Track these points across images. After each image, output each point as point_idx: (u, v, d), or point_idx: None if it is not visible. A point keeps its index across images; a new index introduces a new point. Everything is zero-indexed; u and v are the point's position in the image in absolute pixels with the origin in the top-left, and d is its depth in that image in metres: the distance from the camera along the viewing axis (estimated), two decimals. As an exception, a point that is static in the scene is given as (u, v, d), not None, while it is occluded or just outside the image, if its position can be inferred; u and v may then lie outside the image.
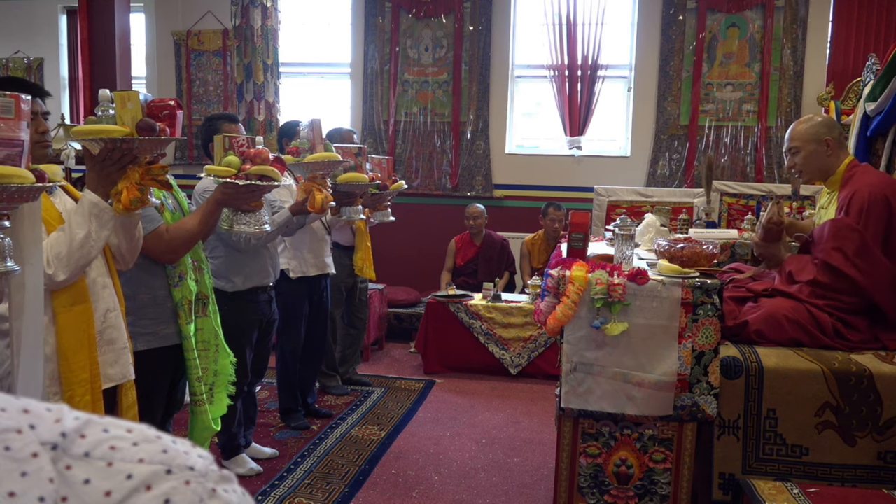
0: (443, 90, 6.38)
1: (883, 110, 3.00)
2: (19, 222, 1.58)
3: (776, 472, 2.30)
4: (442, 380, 4.86)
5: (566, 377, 2.35)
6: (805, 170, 2.63)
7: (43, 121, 1.84)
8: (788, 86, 5.87)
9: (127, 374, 1.98)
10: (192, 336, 2.39)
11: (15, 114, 1.38)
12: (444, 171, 6.41)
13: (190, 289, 2.40)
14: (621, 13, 6.19)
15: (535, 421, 4.08)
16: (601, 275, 2.30)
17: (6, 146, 1.38)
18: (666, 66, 6.04)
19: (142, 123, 1.75)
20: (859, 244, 2.40)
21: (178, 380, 2.53)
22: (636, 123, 6.17)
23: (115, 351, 1.94)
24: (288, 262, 3.66)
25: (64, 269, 1.72)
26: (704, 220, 4.18)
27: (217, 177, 2.32)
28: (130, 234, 2.00)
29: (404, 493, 3.12)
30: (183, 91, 6.78)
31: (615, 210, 5.39)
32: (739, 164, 5.96)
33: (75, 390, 1.79)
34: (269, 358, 3.46)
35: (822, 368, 2.28)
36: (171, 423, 2.78)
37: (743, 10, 5.89)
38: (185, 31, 6.75)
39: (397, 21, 6.37)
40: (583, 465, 2.42)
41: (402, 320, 5.97)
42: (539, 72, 6.30)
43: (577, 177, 6.17)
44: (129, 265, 2.08)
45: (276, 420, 3.96)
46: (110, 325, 1.93)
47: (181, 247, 2.33)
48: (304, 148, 2.93)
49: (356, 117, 6.53)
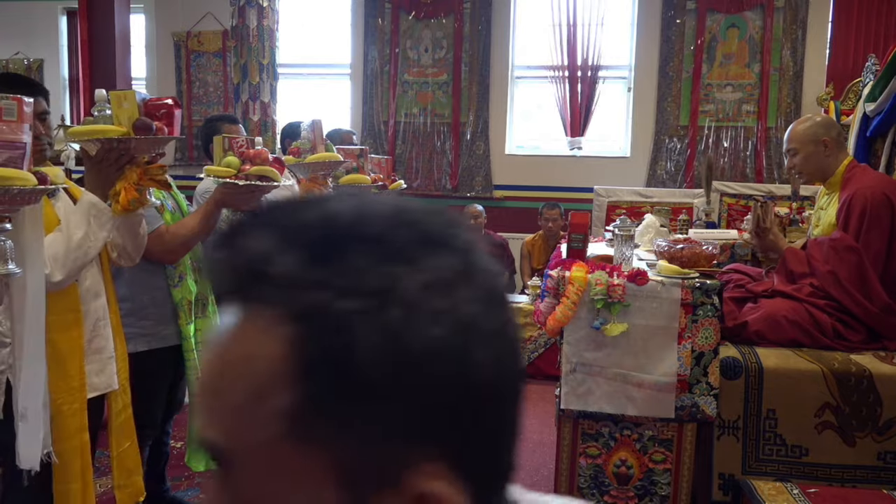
0: (443, 91, 6.38)
1: (882, 111, 3.00)
2: (21, 225, 1.58)
3: (776, 473, 2.30)
4: (442, 380, 4.85)
5: (566, 378, 2.35)
6: (804, 170, 2.63)
7: (48, 121, 1.84)
8: (788, 86, 5.87)
9: (112, 384, 1.97)
10: (192, 336, 2.40)
11: (17, 116, 1.39)
12: (444, 172, 6.41)
13: (190, 289, 2.40)
14: (621, 14, 6.20)
15: (535, 421, 4.08)
16: (601, 275, 2.31)
17: (8, 148, 1.38)
18: (666, 67, 6.04)
19: (138, 123, 1.74)
20: (854, 267, 2.39)
21: (178, 380, 2.53)
22: (636, 124, 6.18)
23: (102, 360, 1.94)
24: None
25: (61, 269, 1.71)
26: (704, 220, 4.18)
27: (217, 177, 2.33)
28: (134, 232, 2.00)
29: (404, 494, 3.12)
30: (183, 92, 6.78)
31: (615, 210, 5.39)
32: (739, 165, 5.96)
33: (64, 398, 1.78)
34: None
35: (822, 369, 2.28)
36: (171, 424, 2.79)
37: (742, 10, 5.89)
38: (184, 31, 6.75)
39: (397, 22, 6.37)
40: (583, 465, 2.42)
41: (402, 321, 5.97)
42: (539, 72, 6.31)
43: (577, 177, 6.16)
44: (136, 261, 2.09)
45: (277, 421, 3.95)
46: (99, 335, 1.92)
47: (181, 247, 2.33)
48: (305, 148, 2.93)
49: (356, 118, 6.53)
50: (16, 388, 1.68)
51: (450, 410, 0.39)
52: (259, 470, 0.39)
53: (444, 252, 0.41)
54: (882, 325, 2.40)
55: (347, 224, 0.40)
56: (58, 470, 1.78)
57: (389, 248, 0.39)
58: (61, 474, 1.78)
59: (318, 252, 0.39)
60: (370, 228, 0.40)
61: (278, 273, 0.38)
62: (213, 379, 0.41)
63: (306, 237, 0.39)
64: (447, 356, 0.39)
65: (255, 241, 0.40)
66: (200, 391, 0.42)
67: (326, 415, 0.38)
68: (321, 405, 0.38)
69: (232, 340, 0.40)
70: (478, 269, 0.42)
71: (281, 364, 0.38)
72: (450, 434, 0.40)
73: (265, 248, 0.39)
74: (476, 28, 6.25)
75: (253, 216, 0.42)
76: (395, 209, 0.41)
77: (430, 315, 0.38)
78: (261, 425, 0.38)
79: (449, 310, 0.39)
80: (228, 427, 0.40)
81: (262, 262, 0.39)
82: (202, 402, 0.41)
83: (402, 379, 0.38)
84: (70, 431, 1.79)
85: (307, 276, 0.38)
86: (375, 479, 0.39)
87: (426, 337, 0.38)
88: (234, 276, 0.41)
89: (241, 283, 0.40)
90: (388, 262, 0.39)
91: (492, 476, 0.43)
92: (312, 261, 0.38)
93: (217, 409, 0.40)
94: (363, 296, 0.38)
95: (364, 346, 0.37)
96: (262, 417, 0.38)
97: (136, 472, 2.07)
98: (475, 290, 0.41)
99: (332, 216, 0.40)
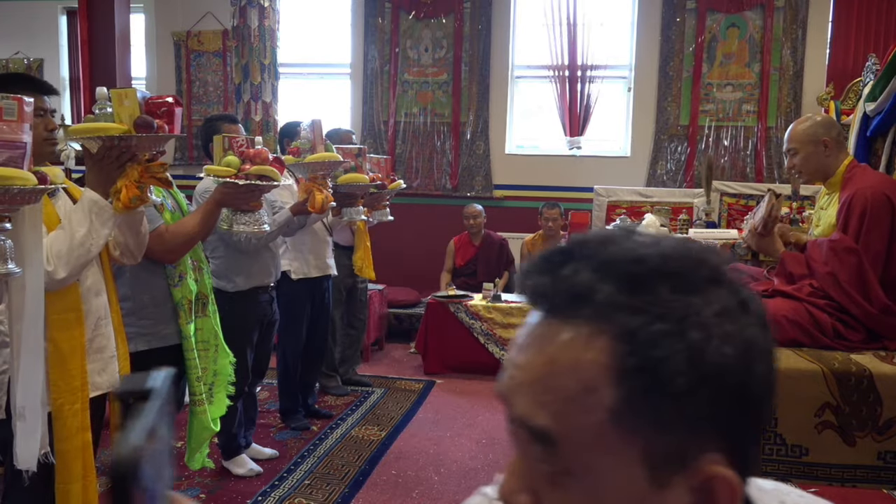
0: (443, 91, 6.38)
1: (882, 110, 3.00)
2: (20, 224, 1.58)
3: (776, 472, 2.30)
4: (442, 380, 4.86)
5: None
6: (804, 170, 2.63)
7: (51, 119, 1.83)
8: (788, 86, 5.87)
9: (114, 383, 1.96)
10: (191, 336, 2.40)
11: (18, 116, 1.39)
12: (444, 172, 6.41)
13: (190, 289, 2.40)
14: (621, 13, 6.20)
15: (536, 421, 4.08)
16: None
17: (8, 148, 1.38)
18: (666, 67, 6.04)
19: (139, 121, 1.74)
20: (854, 269, 2.38)
21: (178, 380, 2.53)
22: (636, 124, 6.18)
23: (104, 359, 1.93)
24: (290, 263, 3.66)
25: (64, 266, 1.71)
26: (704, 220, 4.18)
27: (217, 177, 2.33)
28: (136, 230, 2.00)
29: (404, 494, 3.13)
30: (183, 91, 6.78)
31: (615, 210, 5.39)
32: (739, 165, 5.96)
33: (66, 398, 1.78)
34: (270, 358, 3.47)
35: (822, 368, 2.28)
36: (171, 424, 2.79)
37: (742, 10, 5.89)
38: (184, 31, 6.75)
39: (397, 21, 6.37)
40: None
41: (402, 320, 5.98)
42: (539, 72, 6.31)
43: (577, 177, 6.17)
44: (139, 259, 2.08)
45: (277, 420, 3.96)
46: (100, 334, 1.92)
47: (181, 247, 2.33)
48: (304, 148, 2.93)
49: (356, 118, 6.53)
50: (14, 387, 1.67)
51: (733, 411, 0.51)
52: (583, 446, 0.50)
53: (725, 285, 0.52)
54: (882, 327, 2.40)
55: (653, 262, 0.51)
56: (59, 469, 1.78)
57: (687, 283, 0.51)
58: (63, 474, 1.78)
59: (632, 284, 0.50)
60: (671, 266, 0.51)
61: (602, 300, 0.50)
62: (541, 378, 0.52)
63: (620, 271, 0.51)
64: (735, 369, 0.50)
65: (576, 271, 0.52)
66: (522, 387, 0.53)
67: (640, 410, 0.49)
68: (637, 402, 0.49)
69: (560, 349, 0.51)
70: (751, 299, 0.54)
71: (605, 369, 0.49)
72: (730, 430, 0.51)
73: (587, 279, 0.51)
74: (476, 28, 6.25)
75: (565, 250, 0.54)
76: (685, 249, 0.53)
77: (723, 337, 0.50)
78: (589, 412, 0.50)
79: (736, 333, 0.51)
80: (560, 413, 0.51)
81: (587, 290, 0.51)
82: (526, 396, 0.53)
83: (700, 386, 0.49)
84: (71, 431, 1.79)
85: (625, 302, 0.50)
86: (675, 462, 0.50)
87: (720, 354, 0.49)
88: (559, 299, 0.52)
89: (567, 304, 0.52)
90: (686, 294, 0.50)
91: (749, 467, 0.55)
92: (629, 291, 0.50)
93: (549, 401, 0.51)
94: (671, 321, 0.49)
95: (673, 360, 0.48)
96: (590, 407, 0.50)
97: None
98: (752, 316, 0.53)
99: (640, 255, 0.52)
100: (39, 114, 1.75)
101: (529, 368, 0.53)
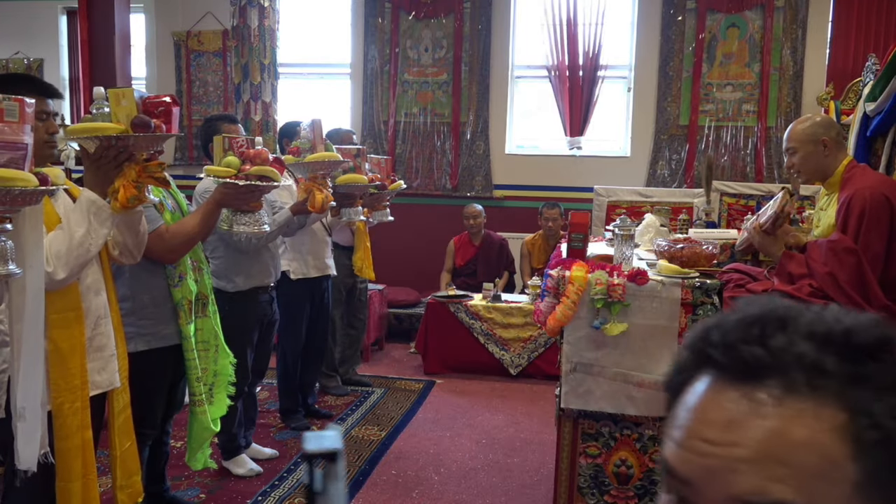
0: (442, 90, 6.38)
1: (882, 110, 3.00)
2: (21, 225, 1.58)
3: None
4: (442, 380, 4.86)
5: (566, 377, 2.36)
6: (803, 170, 2.63)
7: (53, 122, 1.84)
8: (788, 86, 5.88)
9: (114, 382, 1.97)
10: (191, 336, 2.40)
11: (19, 117, 1.39)
12: (444, 172, 6.41)
13: (190, 289, 2.40)
14: (621, 13, 6.20)
15: (535, 421, 4.08)
16: (601, 275, 2.31)
17: (10, 149, 1.38)
18: (666, 67, 6.05)
19: (136, 120, 1.74)
20: (853, 269, 2.38)
21: (178, 380, 2.53)
22: (636, 124, 6.18)
23: (104, 358, 1.94)
24: (289, 263, 3.66)
25: (63, 266, 1.72)
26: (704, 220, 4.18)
27: (217, 177, 2.33)
28: (134, 229, 2.00)
29: (404, 494, 3.13)
30: (183, 91, 6.78)
31: (615, 210, 5.38)
32: (739, 165, 5.96)
33: (66, 397, 1.78)
34: (270, 358, 3.47)
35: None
36: (171, 424, 2.79)
37: (742, 10, 5.89)
38: (184, 31, 6.75)
39: (397, 21, 6.37)
40: (583, 465, 2.42)
41: (402, 320, 5.98)
42: (539, 72, 6.31)
43: (577, 177, 6.17)
44: (138, 258, 2.09)
45: (277, 420, 3.96)
46: (100, 333, 1.92)
47: (181, 247, 2.33)
48: (304, 148, 2.93)
49: (356, 118, 6.53)
50: (14, 388, 1.67)
51: None
52: None
53: None
54: None
55: (864, 333, 0.52)
56: (59, 468, 1.78)
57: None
58: (63, 472, 1.79)
59: (852, 357, 0.51)
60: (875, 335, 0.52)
61: (827, 372, 0.51)
62: (770, 453, 0.51)
63: (837, 344, 0.52)
64: None
65: (791, 343, 0.52)
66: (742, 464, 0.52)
67: (885, 483, 0.50)
68: (879, 476, 0.50)
69: (788, 422, 0.51)
70: None
71: (842, 445, 0.50)
72: None
73: (807, 350, 0.52)
74: (476, 28, 6.25)
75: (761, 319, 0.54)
76: (867, 319, 0.54)
77: None
78: (835, 485, 0.50)
79: None
80: (804, 487, 0.50)
81: (812, 362, 0.51)
82: (752, 473, 0.52)
83: None
84: (71, 429, 1.79)
85: (850, 375, 0.51)
86: None
87: None
88: (780, 370, 0.52)
89: (789, 375, 0.51)
90: None
91: None
92: (852, 363, 0.51)
93: (786, 475, 0.51)
94: None
95: None
96: (835, 480, 0.50)
97: (137, 473, 2.08)
98: None
99: (846, 326, 0.52)
100: (42, 117, 1.75)
101: (746, 445, 0.52)
